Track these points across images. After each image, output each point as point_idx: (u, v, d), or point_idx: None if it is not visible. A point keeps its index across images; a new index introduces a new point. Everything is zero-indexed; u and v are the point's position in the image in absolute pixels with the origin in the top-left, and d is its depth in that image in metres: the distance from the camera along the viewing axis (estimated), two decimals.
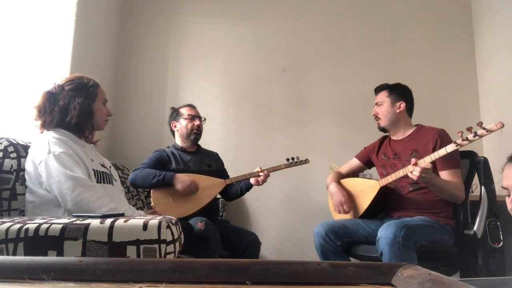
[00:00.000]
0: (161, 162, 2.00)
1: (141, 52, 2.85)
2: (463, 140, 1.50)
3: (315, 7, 2.89)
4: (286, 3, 2.91)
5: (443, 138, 1.73)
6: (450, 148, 1.54)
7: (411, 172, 1.56)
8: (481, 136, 1.46)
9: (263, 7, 2.90)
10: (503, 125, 1.41)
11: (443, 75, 2.77)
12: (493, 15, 2.61)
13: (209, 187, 1.97)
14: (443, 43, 2.81)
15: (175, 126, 2.14)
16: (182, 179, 1.87)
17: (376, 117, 1.96)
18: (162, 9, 2.90)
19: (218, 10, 2.90)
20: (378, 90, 1.99)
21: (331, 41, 2.85)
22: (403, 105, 1.90)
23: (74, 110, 1.38)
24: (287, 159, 2.10)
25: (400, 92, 1.92)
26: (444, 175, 1.71)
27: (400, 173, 1.72)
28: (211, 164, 2.14)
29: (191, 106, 2.17)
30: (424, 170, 1.53)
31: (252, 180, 2.03)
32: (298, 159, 2.11)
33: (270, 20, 2.89)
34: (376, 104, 1.96)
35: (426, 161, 1.57)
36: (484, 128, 1.44)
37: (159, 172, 1.86)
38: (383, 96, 1.94)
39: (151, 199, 1.90)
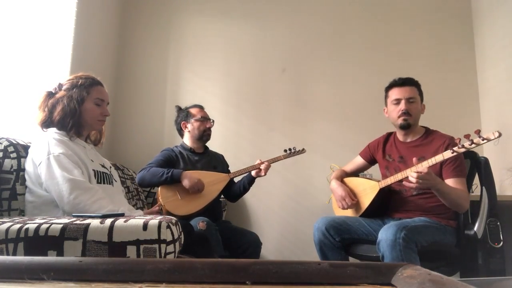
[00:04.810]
0: (170, 162, 2.01)
1: (141, 52, 2.85)
2: (459, 147, 1.48)
3: (315, 7, 2.89)
4: (286, 3, 2.91)
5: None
6: (446, 154, 1.53)
7: (407, 177, 1.54)
8: (477, 144, 1.44)
9: (263, 7, 2.90)
10: (500, 135, 1.38)
11: (443, 75, 2.77)
12: (493, 15, 2.61)
13: (214, 182, 1.99)
14: (443, 43, 2.81)
15: (186, 127, 2.14)
16: (189, 176, 1.88)
17: (407, 113, 1.79)
18: (162, 9, 2.90)
19: (218, 10, 2.90)
20: (408, 83, 1.83)
21: (331, 41, 2.85)
22: (424, 107, 1.88)
23: (59, 107, 1.38)
24: (285, 150, 2.16)
25: (422, 93, 1.87)
26: (450, 183, 1.67)
27: (398, 176, 1.71)
28: (217, 166, 2.17)
29: (201, 108, 2.19)
30: (421, 176, 1.48)
31: (253, 173, 2.06)
32: (295, 149, 2.18)
33: (270, 20, 2.89)
34: (409, 99, 1.80)
35: (423, 166, 1.55)
36: (480, 137, 1.42)
37: (166, 170, 1.87)
38: (416, 93, 1.82)
39: (159, 198, 1.90)
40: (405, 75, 1.93)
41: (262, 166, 2.03)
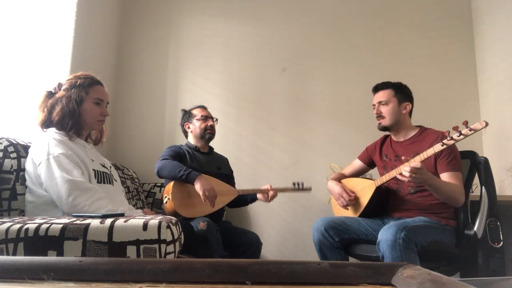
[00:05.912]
0: (179, 157, 2.02)
1: (141, 52, 2.85)
2: (448, 140, 1.51)
3: (315, 7, 2.89)
4: (287, 3, 2.91)
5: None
6: (437, 148, 1.56)
7: (401, 173, 1.55)
8: (465, 135, 1.47)
9: (263, 7, 2.90)
10: (487, 124, 1.41)
11: (443, 75, 2.77)
12: (493, 15, 2.61)
13: (223, 193, 1.97)
14: (443, 43, 2.81)
15: (188, 127, 2.18)
16: (203, 182, 1.80)
17: (380, 116, 1.90)
18: (162, 9, 2.90)
19: (218, 10, 2.90)
20: (380, 88, 1.94)
21: (331, 41, 2.85)
22: (409, 106, 1.89)
23: (58, 108, 1.38)
24: (293, 183, 2.16)
25: (406, 93, 1.91)
26: (444, 177, 1.69)
27: (393, 173, 1.72)
28: (221, 167, 2.18)
29: (203, 107, 2.22)
30: (414, 170, 1.50)
31: (259, 196, 2.08)
32: (303, 185, 2.17)
33: (271, 20, 2.89)
34: (379, 102, 1.90)
35: (416, 161, 1.57)
36: (468, 127, 1.45)
37: (185, 168, 1.85)
38: (389, 95, 1.89)
39: (168, 192, 1.88)
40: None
41: (270, 193, 2.05)
